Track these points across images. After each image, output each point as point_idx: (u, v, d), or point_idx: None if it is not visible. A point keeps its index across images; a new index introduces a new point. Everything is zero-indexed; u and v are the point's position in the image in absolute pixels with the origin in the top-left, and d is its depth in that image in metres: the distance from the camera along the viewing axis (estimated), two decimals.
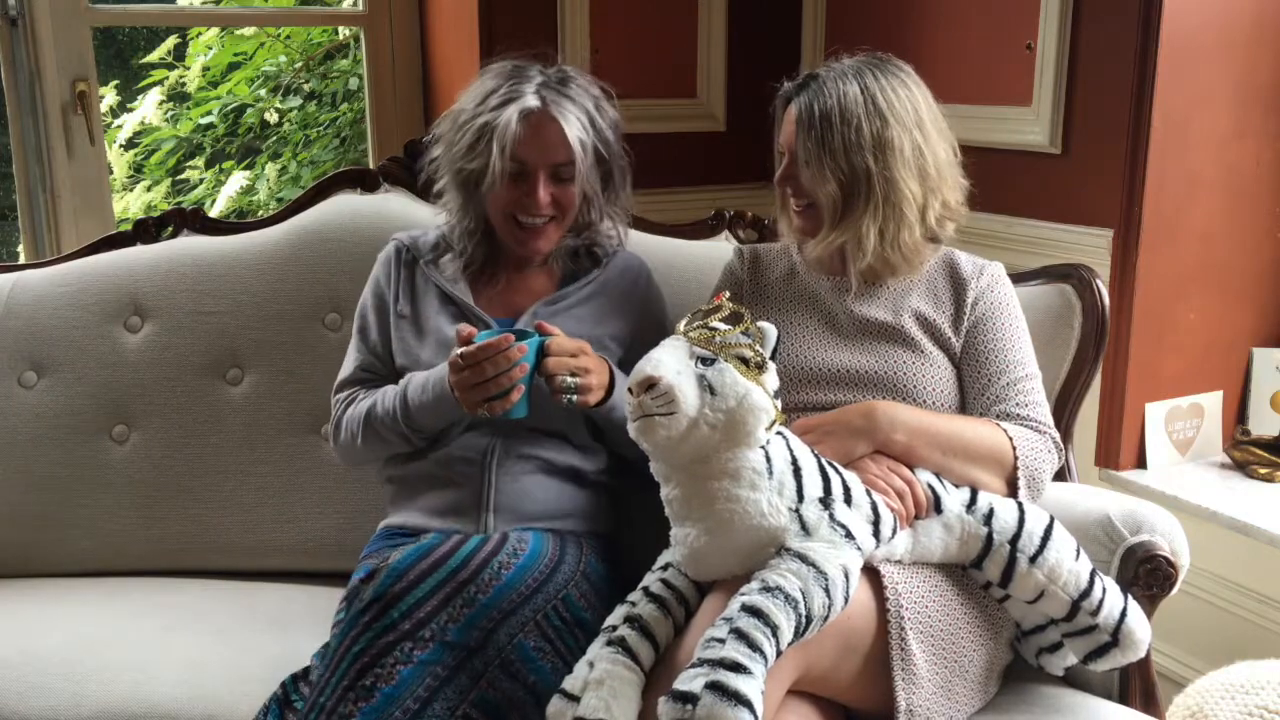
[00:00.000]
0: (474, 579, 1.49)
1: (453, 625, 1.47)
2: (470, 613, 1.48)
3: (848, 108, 1.66)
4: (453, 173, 1.84)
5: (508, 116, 1.73)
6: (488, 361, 1.60)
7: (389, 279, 1.89)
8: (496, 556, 1.53)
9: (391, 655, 1.43)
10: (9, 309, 2.11)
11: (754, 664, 1.26)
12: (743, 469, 1.41)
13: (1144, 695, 1.64)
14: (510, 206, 1.79)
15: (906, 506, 1.52)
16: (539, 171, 1.77)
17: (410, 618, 1.46)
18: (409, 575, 1.48)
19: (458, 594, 1.48)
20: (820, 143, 1.67)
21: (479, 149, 1.76)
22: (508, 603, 1.50)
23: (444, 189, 1.89)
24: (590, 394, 1.66)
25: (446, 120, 1.86)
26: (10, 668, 1.70)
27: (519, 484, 1.75)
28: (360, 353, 1.89)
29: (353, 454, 1.86)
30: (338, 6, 3.99)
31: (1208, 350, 2.53)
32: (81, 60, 2.65)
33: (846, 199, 1.68)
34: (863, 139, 1.66)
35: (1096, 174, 2.45)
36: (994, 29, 2.63)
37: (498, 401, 1.62)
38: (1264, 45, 2.42)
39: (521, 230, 1.81)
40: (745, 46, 3.16)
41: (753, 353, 1.43)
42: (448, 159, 1.84)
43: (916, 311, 1.74)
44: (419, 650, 1.44)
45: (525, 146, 1.75)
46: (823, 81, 1.70)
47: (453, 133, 1.82)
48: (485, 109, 1.76)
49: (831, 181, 1.67)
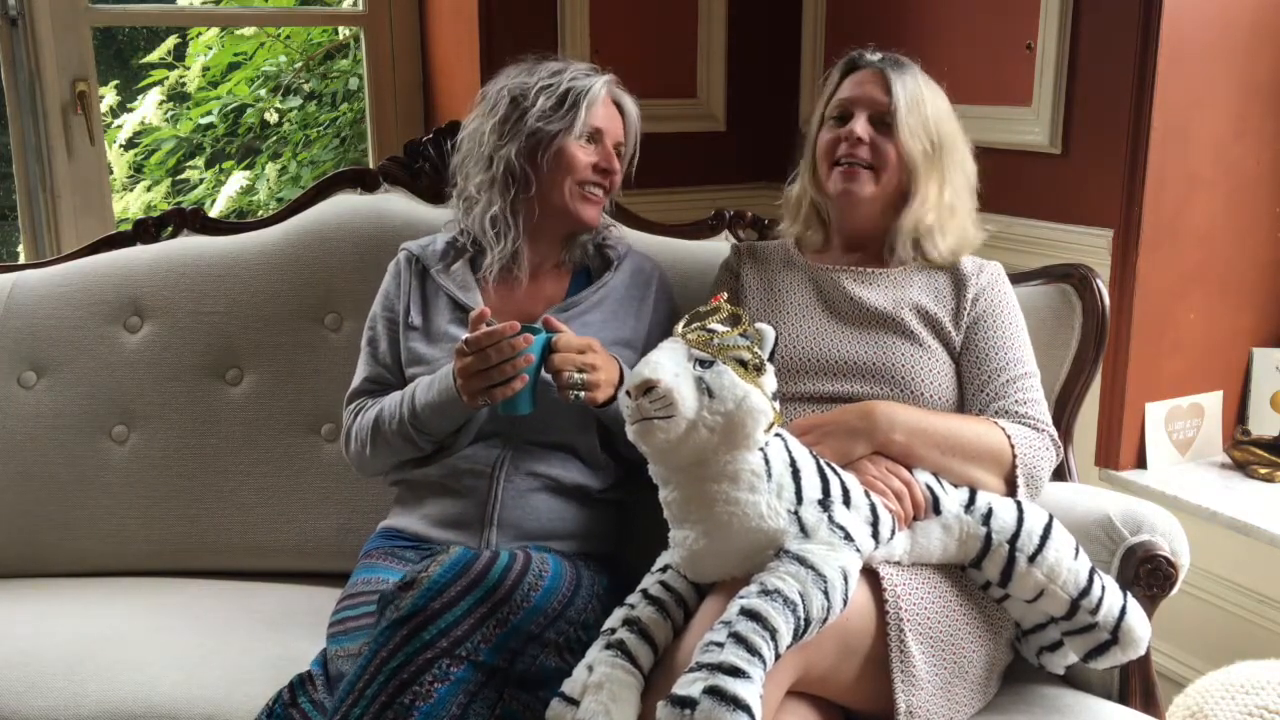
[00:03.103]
0: (507, 600, 1.49)
1: (485, 645, 1.47)
2: (501, 633, 1.48)
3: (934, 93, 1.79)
4: (508, 145, 1.83)
5: (596, 85, 1.84)
6: (491, 348, 1.60)
7: (399, 290, 1.89)
8: (525, 578, 1.52)
9: (430, 673, 1.43)
10: (9, 309, 2.11)
11: (752, 668, 1.26)
12: (741, 471, 1.41)
13: (1144, 695, 1.64)
14: (584, 171, 1.84)
15: (905, 508, 1.52)
16: (608, 142, 1.86)
17: (448, 635, 1.45)
18: (449, 592, 1.47)
19: (492, 615, 1.48)
20: (917, 109, 1.75)
21: (563, 110, 1.81)
22: (535, 625, 1.51)
23: (471, 174, 1.88)
24: (598, 390, 1.65)
25: (490, 100, 1.87)
26: (10, 668, 1.70)
27: (524, 500, 1.75)
28: (370, 365, 1.88)
29: (364, 464, 1.86)
30: (338, 6, 3.99)
31: (1208, 350, 2.53)
32: (81, 60, 2.65)
33: (926, 166, 1.75)
34: (940, 125, 1.76)
35: (1096, 174, 2.45)
36: (994, 29, 2.63)
37: (499, 389, 1.61)
38: (1264, 45, 2.42)
39: (585, 198, 1.86)
40: (745, 46, 3.16)
41: (751, 355, 1.43)
42: (503, 131, 1.84)
43: (916, 304, 1.74)
44: (455, 667, 1.44)
45: (605, 119, 1.86)
46: (903, 62, 1.79)
47: (516, 103, 1.83)
48: (563, 78, 1.83)
49: (919, 143, 1.74)
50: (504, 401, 1.64)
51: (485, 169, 1.85)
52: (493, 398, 1.62)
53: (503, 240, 1.85)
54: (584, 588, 1.62)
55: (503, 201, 1.84)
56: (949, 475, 1.58)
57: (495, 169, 1.83)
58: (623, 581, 1.72)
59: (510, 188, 1.84)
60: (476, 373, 1.61)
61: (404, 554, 1.76)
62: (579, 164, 1.82)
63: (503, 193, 1.84)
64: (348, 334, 2.08)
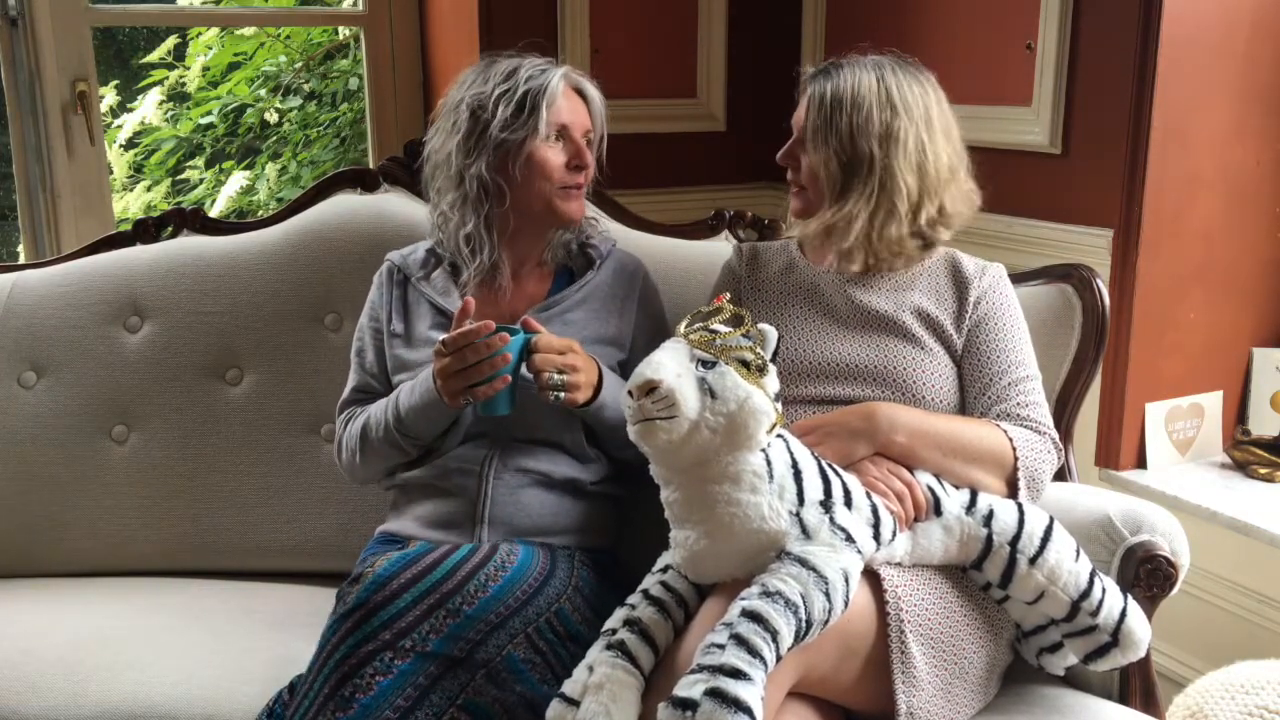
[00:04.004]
0: (459, 590, 1.49)
1: (434, 636, 1.46)
2: (454, 624, 1.47)
3: (861, 93, 1.71)
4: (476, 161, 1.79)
5: (553, 81, 1.79)
6: (468, 348, 1.60)
7: (382, 300, 1.90)
8: (484, 569, 1.53)
9: (371, 665, 1.43)
10: (9, 309, 2.11)
11: (754, 670, 1.26)
12: (743, 472, 1.41)
13: (1144, 695, 1.64)
14: (559, 173, 1.80)
15: (906, 509, 1.51)
16: (576, 135, 1.82)
17: (391, 627, 1.45)
18: (392, 584, 1.48)
19: (441, 605, 1.48)
20: (829, 122, 1.71)
21: (524, 115, 1.77)
22: (495, 615, 1.50)
23: (443, 191, 1.85)
24: (578, 392, 1.66)
25: (450, 113, 1.84)
26: (10, 667, 1.70)
27: (515, 497, 1.75)
28: (358, 374, 1.89)
29: (356, 472, 1.87)
30: (338, 6, 3.99)
31: (1208, 350, 2.53)
32: (81, 60, 2.65)
33: (845, 180, 1.71)
34: (870, 125, 1.70)
35: (1096, 174, 2.45)
36: (994, 29, 2.63)
37: (479, 388, 1.62)
38: (1264, 45, 2.42)
39: (566, 195, 1.82)
40: (745, 46, 3.16)
41: (754, 355, 1.43)
42: (468, 148, 1.80)
43: (918, 307, 1.74)
44: (399, 660, 1.44)
45: (569, 112, 1.81)
46: (842, 68, 1.74)
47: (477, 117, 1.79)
48: (519, 80, 1.78)
49: (834, 161, 1.70)
50: (483, 402, 1.64)
51: (456, 186, 1.82)
52: (475, 396, 1.63)
53: (478, 256, 1.83)
54: (558, 578, 1.62)
55: (476, 218, 1.81)
56: (950, 476, 1.58)
57: (467, 186, 1.80)
58: (620, 578, 1.73)
59: (485, 202, 1.81)
60: (455, 373, 1.62)
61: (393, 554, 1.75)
62: (552, 167, 1.80)
63: (476, 209, 1.81)
64: (348, 334, 2.08)
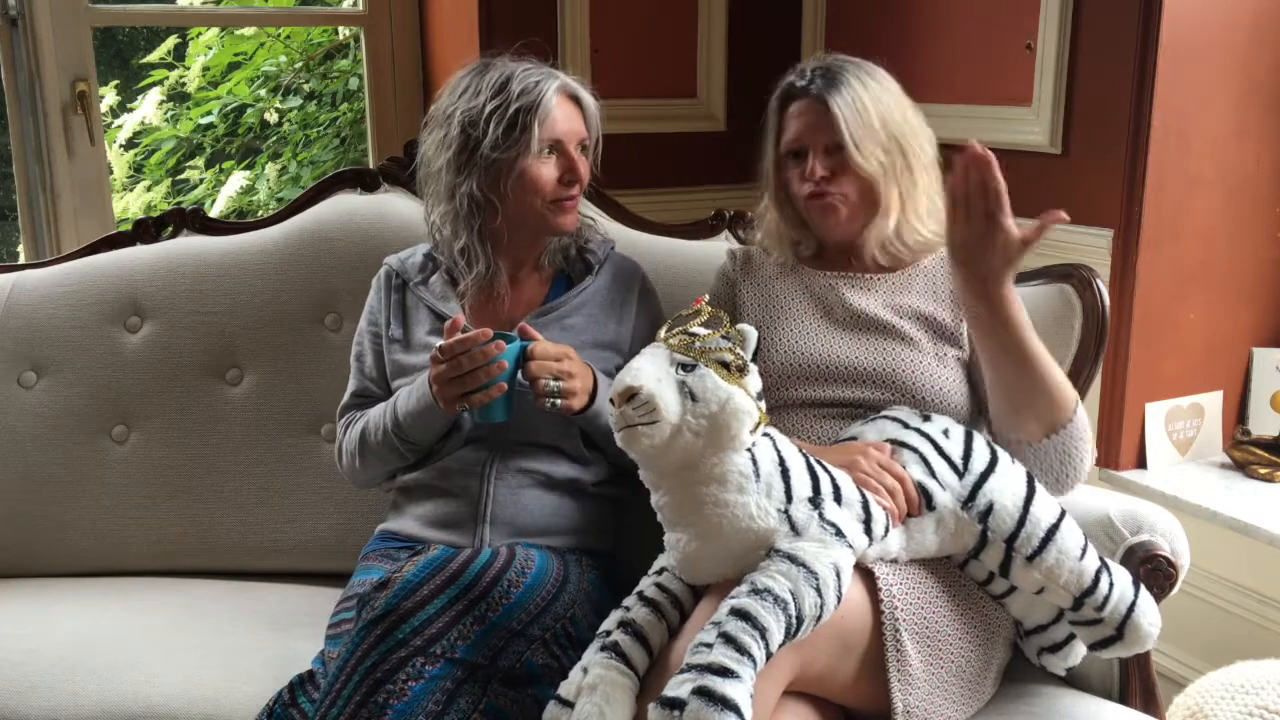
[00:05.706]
0: (485, 597, 1.49)
1: (462, 643, 1.47)
2: (480, 630, 1.48)
3: (875, 95, 1.72)
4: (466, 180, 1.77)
5: (546, 95, 1.75)
6: (464, 355, 1.60)
7: (381, 305, 1.89)
8: (506, 574, 1.53)
9: (403, 671, 1.43)
10: (9, 309, 2.11)
11: (742, 668, 1.25)
12: (729, 473, 1.40)
13: (1144, 695, 1.64)
14: (551, 188, 1.78)
15: (898, 504, 1.51)
16: (570, 147, 1.79)
17: (421, 634, 1.45)
18: (421, 591, 1.47)
19: (469, 611, 1.48)
20: (863, 124, 1.70)
21: (516, 133, 1.74)
22: (517, 622, 1.51)
23: (434, 204, 1.84)
24: (574, 399, 1.66)
25: (441, 126, 1.80)
26: (11, 667, 1.70)
27: (516, 497, 1.75)
28: (357, 379, 1.89)
29: (356, 476, 1.87)
30: (338, 6, 3.99)
31: (1208, 350, 2.53)
32: (81, 60, 2.65)
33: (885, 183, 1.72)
34: (891, 125, 1.71)
35: (1096, 174, 2.45)
36: (994, 29, 2.63)
37: (476, 395, 1.62)
38: (1264, 45, 2.42)
39: (559, 208, 1.80)
40: (745, 46, 3.16)
41: (733, 356, 1.42)
42: (459, 165, 1.78)
43: (915, 309, 1.74)
44: (430, 666, 1.44)
45: (563, 123, 1.78)
46: (834, 74, 1.73)
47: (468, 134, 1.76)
48: (511, 93, 1.74)
49: (875, 159, 1.70)
50: (480, 410, 1.65)
51: (448, 200, 1.81)
52: (471, 404, 1.63)
53: (474, 267, 1.82)
54: (571, 583, 1.62)
55: (469, 233, 1.81)
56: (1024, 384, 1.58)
57: (458, 204, 1.79)
58: (620, 579, 1.73)
59: (476, 218, 1.80)
60: (451, 380, 1.62)
61: (399, 555, 1.76)
62: (544, 182, 1.77)
63: (468, 224, 1.80)
64: (347, 334, 2.08)
